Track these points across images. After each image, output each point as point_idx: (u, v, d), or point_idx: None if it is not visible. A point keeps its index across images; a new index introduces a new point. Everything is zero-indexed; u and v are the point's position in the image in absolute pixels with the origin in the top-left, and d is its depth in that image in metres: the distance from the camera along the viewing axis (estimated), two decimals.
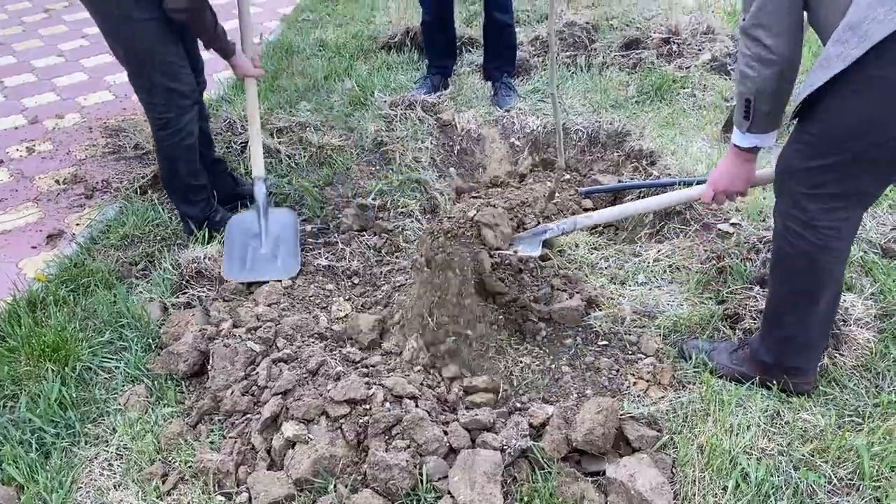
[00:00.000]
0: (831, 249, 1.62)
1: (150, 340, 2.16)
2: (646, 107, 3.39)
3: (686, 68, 3.63)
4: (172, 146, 2.48)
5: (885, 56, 1.35)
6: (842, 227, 1.60)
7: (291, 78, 3.83)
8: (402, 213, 2.77)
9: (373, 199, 2.81)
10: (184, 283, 2.40)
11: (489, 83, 3.71)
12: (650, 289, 2.30)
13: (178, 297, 2.34)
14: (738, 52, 1.65)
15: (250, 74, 2.59)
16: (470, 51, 4.15)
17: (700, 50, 3.75)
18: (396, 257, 2.56)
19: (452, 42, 3.80)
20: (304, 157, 3.10)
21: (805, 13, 1.57)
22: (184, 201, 2.61)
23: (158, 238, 2.65)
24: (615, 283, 2.34)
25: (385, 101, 3.45)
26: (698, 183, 2.64)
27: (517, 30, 3.95)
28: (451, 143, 3.33)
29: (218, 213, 2.68)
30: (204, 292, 2.35)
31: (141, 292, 2.37)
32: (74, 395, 1.95)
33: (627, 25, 4.14)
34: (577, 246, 2.48)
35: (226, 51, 2.48)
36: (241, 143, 3.14)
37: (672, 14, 4.02)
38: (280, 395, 1.80)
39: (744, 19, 1.59)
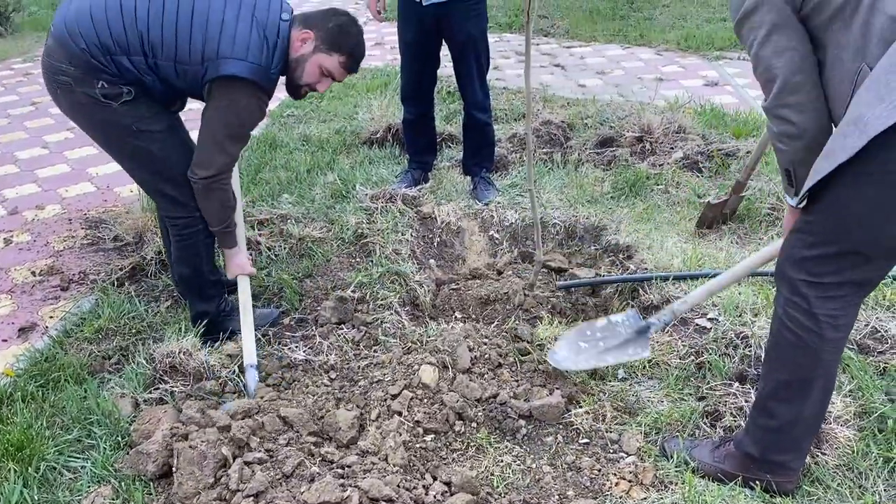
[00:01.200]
0: (829, 339, 1.65)
1: (120, 438, 2.09)
2: (621, 202, 3.47)
3: (659, 165, 3.74)
4: (195, 246, 2.48)
5: (885, 147, 1.41)
6: (840, 316, 1.64)
7: (274, 171, 3.89)
8: (381, 305, 2.76)
9: (352, 291, 2.81)
10: (157, 377, 2.35)
11: (468, 178, 3.79)
12: (630, 384, 2.29)
13: (150, 392, 2.29)
14: (768, 128, 1.71)
15: (246, 273, 2.55)
16: (450, 146, 4.26)
17: (672, 148, 3.88)
18: (375, 351, 2.54)
19: (433, 138, 3.90)
20: (285, 248, 3.12)
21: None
22: (201, 298, 2.58)
23: (133, 331, 2.61)
24: (595, 379, 2.33)
25: (366, 195, 3.51)
26: (675, 278, 2.69)
27: (495, 127, 4.07)
28: (430, 236, 3.37)
29: (229, 304, 2.66)
30: (177, 387, 2.30)
31: (113, 387, 2.31)
32: (37, 498, 1.87)
33: (601, 124, 4.29)
34: (555, 339, 2.48)
35: (228, 240, 2.48)
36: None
37: (644, 114, 4.18)
38: (252, 498, 1.74)
39: (766, 100, 1.65)
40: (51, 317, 2.78)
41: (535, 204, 2.84)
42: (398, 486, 1.80)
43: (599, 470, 1.97)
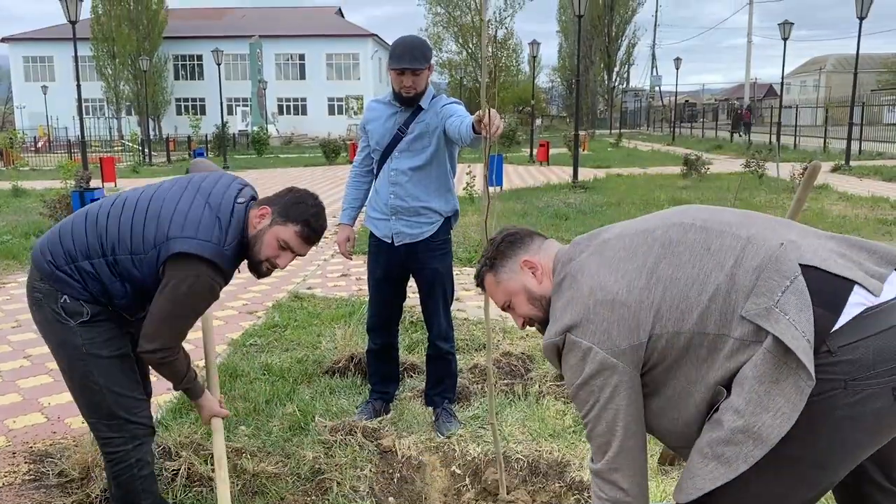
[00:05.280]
0: None
1: None
2: (583, 436, 3.46)
3: None
4: (130, 479, 2.39)
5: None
6: None
7: (232, 402, 3.83)
8: None
9: None
10: None
11: (430, 408, 3.78)
12: None
13: None
14: (594, 493, 1.73)
15: (217, 415, 2.53)
16: (412, 376, 4.29)
17: None
18: None
19: (396, 369, 3.94)
20: (238, 485, 2.99)
21: None
22: None
23: None
24: None
25: (325, 427, 3.45)
26: None
27: (457, 357, 4.15)
28: (391, 471, 3.28)
29: None
30: None
31: None
32: None
33: None
34: None
35: (192, 394, 2.47)
36: (173, 469, 3.03)
37: None
38: None
39: (596, 462, 1.69)
40: None
41: (498, 439, 2.83)
42: None
43: None
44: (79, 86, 18.56)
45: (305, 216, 2.34)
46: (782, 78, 28.00)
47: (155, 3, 46.52)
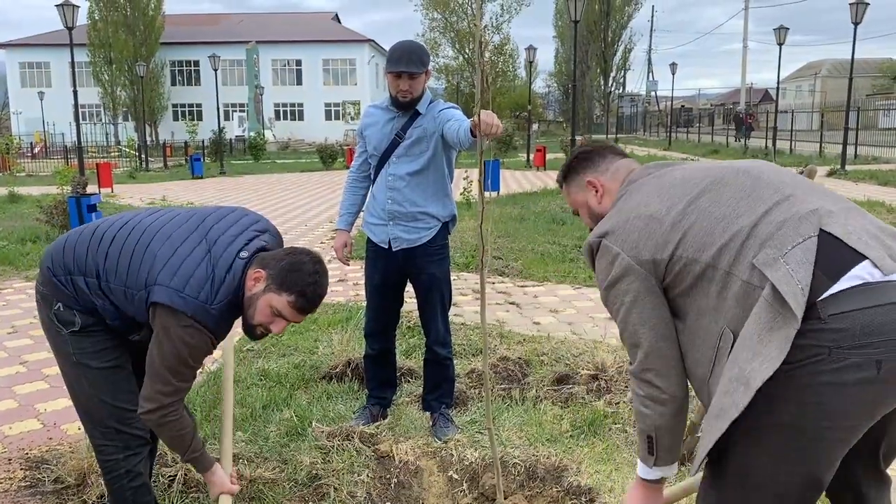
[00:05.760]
0: None
1: None
2: (580, 441, 3.47)
3: (615, 404, 3.80)
4: (120, 489, 2.38)
5: (765, 397, 1.51)
6: None
7: None
8: None
9: None
10: None
11: (427, 413, 3.78)
12: None
13: None
14: (632, 392, 1.82)
15: (228, 492, 2.41)
16: (409, 381, 4.28)
17: (626, 387, 3.96)
18: None
19: (393, 374, 3.94)
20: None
21: None
22: None
23: None
24: None
25: (323, 432, 3.45)
26: None
27: (454, 362, 4.14)
28: (388, 476, 3.27)
29: None
30: None
31: None
32: None
33: (557, 361, 4.40)
34: None
35: (200, 465, 2.37)
36: (170, 476, 3.02)
37: (598, 352, 4.32)
38: None
39: (631, 363, 1.78)
40: None
41: (495, 444, 2.82)
42: None
43: None
44: (75, 91, 18.55)
45: (300, 286, 2.18)
46: (778, 83, 28.03)
47: (152, 9, 46.58)
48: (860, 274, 1.50)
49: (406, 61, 3.30)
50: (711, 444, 1.58)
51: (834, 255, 1.53)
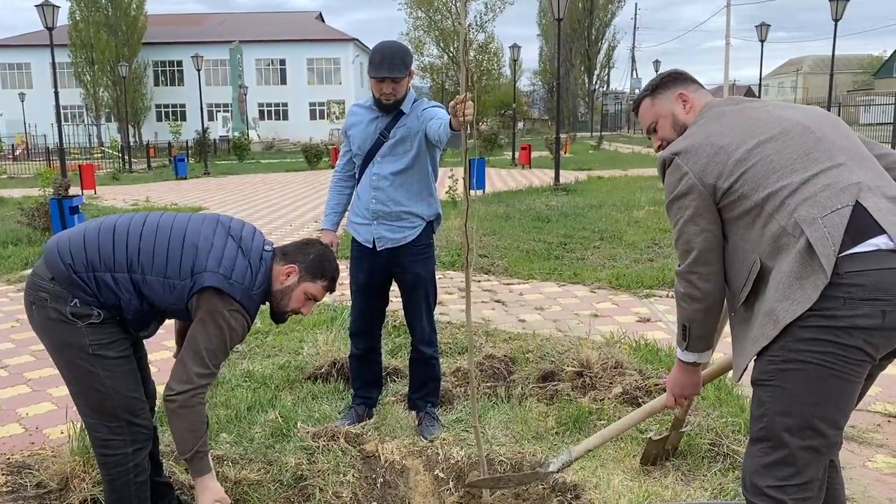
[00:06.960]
0: None
1: None
2: (566, 438, 3.47)
3: (600, 400, 3.81)
4: (125, 484, 2.38)
5: (790, 335, 1.81)
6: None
7: (214, 409, 3.81)
8: None
9: None
10: None
11: (413, 413, 3.77)
12: None
13: None
14: (675, 288, 2.10)
15: (220, 500, 2.42)
16: (394, 380, 4.28)
17: (611, 383, 3.98)
18: None
19: (378, 373, 3.93)
20: None
21: None
22: None
23: None
24: None
25: (308, 433, 3.44)
26: None
27: (440, 361, 4.14)
28: (374, 476, 3.27)
29: None
30: None
31: None
32: None
33: (542, 359, 4.41)
34: None
35: (200, 466, 2.40)
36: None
37: (583, 349, 4.33)
38: None
39: (680, 265, 2.06)
40: None
41: (481, 442, 2.83)
42: None
43: None
44: (56, 93, 18.36)
45: (332, 272, 2.58)
46: (760, 79, 28.31)
47: (134, 10, 46.21)
48: (877, 242, 1.78)
49: (388, 66, 3.29)
50: (748, 361, 1.93)
51: (861, 223, 1.79)
